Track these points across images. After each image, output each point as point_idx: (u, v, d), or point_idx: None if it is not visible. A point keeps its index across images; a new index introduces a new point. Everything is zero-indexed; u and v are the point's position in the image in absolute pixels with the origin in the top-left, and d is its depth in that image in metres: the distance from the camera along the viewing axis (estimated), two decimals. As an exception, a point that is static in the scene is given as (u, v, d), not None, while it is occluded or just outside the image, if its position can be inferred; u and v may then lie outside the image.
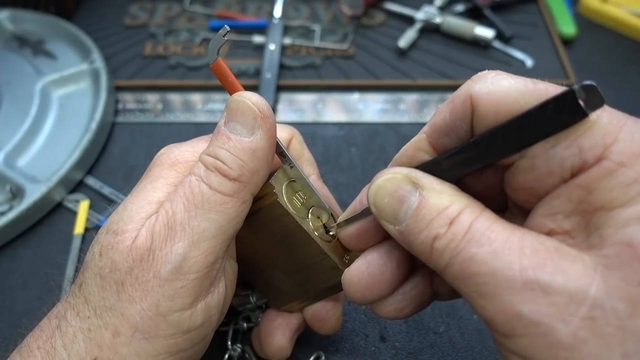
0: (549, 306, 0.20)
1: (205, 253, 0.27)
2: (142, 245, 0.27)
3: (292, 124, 0.58)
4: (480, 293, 0.21)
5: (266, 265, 0.34)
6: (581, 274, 0.20)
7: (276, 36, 0.65)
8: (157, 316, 0.26)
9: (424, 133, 0.26)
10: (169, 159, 0.30)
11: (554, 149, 0.21)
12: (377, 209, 0.26)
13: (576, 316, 0.19)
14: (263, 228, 0.31)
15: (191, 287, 0.27)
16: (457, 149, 0.24)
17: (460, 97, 0.24)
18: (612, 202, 0.20)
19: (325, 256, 0.31)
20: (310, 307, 0.36)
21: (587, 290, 0.19)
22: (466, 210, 0.23)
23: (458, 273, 0.22)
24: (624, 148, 0.20)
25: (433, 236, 0.23)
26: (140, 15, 0.72)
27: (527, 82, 0.23)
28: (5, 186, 0.51)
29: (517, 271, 0.20)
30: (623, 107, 0.22)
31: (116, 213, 0.29)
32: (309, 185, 0.32)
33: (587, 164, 0.21)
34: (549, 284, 0.20)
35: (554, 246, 0.21)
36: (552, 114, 0.21)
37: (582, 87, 0.20)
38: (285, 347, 0.36)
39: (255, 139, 0.28)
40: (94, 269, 0.27)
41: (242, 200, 0.28)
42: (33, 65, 0.62)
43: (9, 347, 0.29)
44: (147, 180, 0.30)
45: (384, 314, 0.29)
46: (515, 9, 0.71)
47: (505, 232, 0.22)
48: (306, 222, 0.31)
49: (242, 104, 0.28)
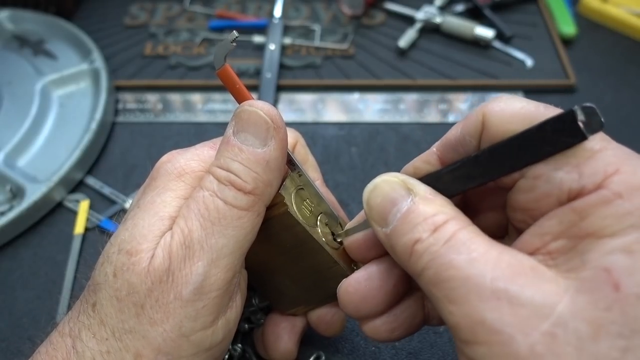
0: (512, 316, 0.20)
1: (224, 270, 0.27)
2: (160, 267, 0.26)
3: (292, 124, 0.59)
4: (450, 298, 0.22)
5: (273, 272, 0.34)
6: (551, 292, 0.20)
7: (276, 36, 0.65)
8: (179, 337, 0.26)
9: (435, 147, 0.27)
10: (174, 169, 0.29)
11: (555, 172, 0.22)
12: (369, 207, 0.26)
13: (537, 330, 0.19)
14: (272, 237, 0.31)
15: (212, 305, 0.27)
16: (459, 163, 0.24)
17: (474, 114, 0.25)
18: (602, 231, 0.20)
19: (334, 264, 0.31)
20: (315, 310, 0.36)
21: (553, 306, 0.20)
22: (452, 220, 0.23)
23: (433, 277, 0.22)
24: (624, 180, 0.20)
25: (415, 239, 0.23)
26: (140, 15, 0.72)
27: (538, 106, 0.23)
28: (6, 186, 0.51)
29: (488, 279, 0.21)
30: (623, 107, 0.22)
31: (126, 230, 0.28)
32: (317, 193, 0.31)
33: (585, 190, 0.21)
34: (517, 295, 0.20)
35: (530, 265, 0.21)
36: (552, 134, 0.21)
37: (582, 108, 0.20)
38: (292, 350, 0.36)
39: (268, 150, 0.27)
40: (109, 291, 0.27)
41: (257, 213, 0.27)
42: (33, 65, 0.62)
43: (9, 352, 0.28)
44: (154, 193, 0.29)
45: (375, 334, 0.29)
46: (515, 9, 0.71)
47: (485, 246, 0.22)
48: (316, 231, 0.31)
49: (253, 114, 0.27)
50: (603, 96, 0.60)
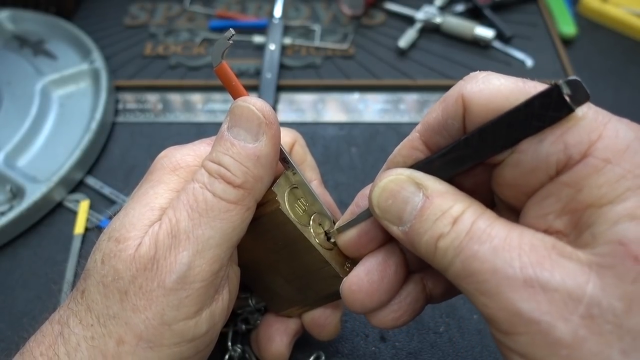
0: (548, 304, 0.20)
1: (209, 262, 0.27)
2: (145, 254, 0.26)
3: (292, 124, 0.59)
4: (482, 291, 0.21)
5: (266, 271, 0.34)
6: (578, 272, 0.20)
7: (276, 36, 0.65)
8: (161, 325, 0.26)
9: (417, 132, 0.26)
10: (170, 163, 0.30)
11: (540, 145, 0.22)
12: (381, 210, 0.26)
13: (575, 314, 0.20)
14: (264, 234, 0.31)
15: (196, 296, 0.27)
16: (449, 147, 0.24)
17: (452, 97, 0.25)
18: (601, 199, 0.20)
19: (326, 264, 0.31)
20: (309, 312, 0.36)
21: (584, 288, 0.20)
22: (469, 209, 0.23)
23: (460, 271, 0.22)
24: (608, 144, 0.21)
25: (437, 235, 0.23)
26: (141, 15, 0.72)
27: (517, 81, 0.23)
28: (6, 186, 0.51)
29: (517, 269, 0.21)
30: (623, 107, 0.22)
31: (117, 219, 0.29)
32: (311, 193, 0.31)
33: (572, 160, 0.21)
34: (548, 281, 0.20)
35: (551, 243, 0.21)
36: (539, 109, 0.21)
37: (567, 82, 0.20)
38: (283, 352, 0.36)
39: (259, 145, 0.28)
40: (96, 277, 0.27)
41: (246, 207, 0.28)
42: (33, 65, 0.62)
43: (11, 352, 0.28)
44: (148, 185, 0.30)
45: (382, 324, 0.29)
46: (515, 9, 0.71)
47: (505, 230, 0.22)
48: (308, 230, 0.31)
49: (246, 110, 0.28)
50: (603, 96, 0.60)
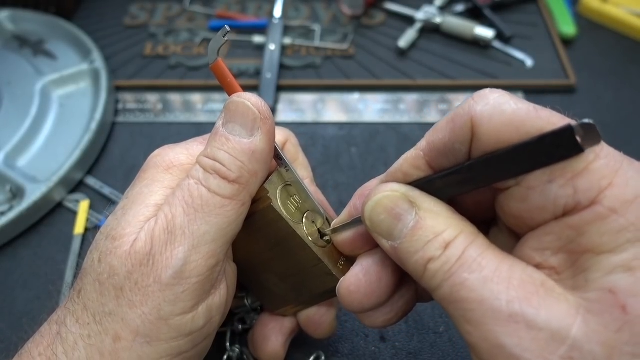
0: (531, 342, 0.20)
1: (206, 257, 0.27)
2: (141, 250, 0.26)
3: (292, 124, 0.59)
4: (467, 318, 0.22)
5: (261, 269, 0.34)
6: (564, 313, 0.20)
7: (276, 36, 0.65)
8: (158, 320, 0.26)
9: (422, 151, 0.25)
10: (163, 162, 0.30)
11: (549, 185, 0.21)
12: (372, 223, 0.26)
13: (556, 355, 0.20)
14: (257, 231, 0.31)
15: (192, 291, 0.27)
16: (452, 170, 0.24)
17: (461, 119, 0.23)
18: (600, 247, 0.21)
19: (319, 262, 0.31)
20: (304, 311, 0.36)
21: (568, 330, 0.20)
22: (461, 235, 0.23)
23: (448, 296, 0.22)
24: (617, 194, 0.21)
25: (428, 258, 0.23)
26: (140, 15, 0.72)
27: (529, 109, 0.22)
28: (5, 186, 0.51)
29: (504, 302, 0.21)
30: (623, 107, 0.22)
31: (114, 218, 0.29)
32: (304, 190, 0.31)
33: (580, 206, 0.21)
34: (534, 319, 0.20)
35: (540, 280, 0.22)
36: (549, 147, 0.21)
37: (582, 125, 0.20)
38: (279, 351, 0.36)
39: (254, 141, 0.28)
40: (92, 275, 0.27)
41: (242, 202, 0.28)
42: (33, 65, 0.62)
43: (10, 352, 0.29)
44: (142, 184, 0.30)
45: (374, 324, 0.29)
46: (515, 9, 0.71)
47: (495, 261, 0.22)
48: (300, 227, 0.31)
49: (241, 105, 0.28)
50: (603, 96, 0.60)
